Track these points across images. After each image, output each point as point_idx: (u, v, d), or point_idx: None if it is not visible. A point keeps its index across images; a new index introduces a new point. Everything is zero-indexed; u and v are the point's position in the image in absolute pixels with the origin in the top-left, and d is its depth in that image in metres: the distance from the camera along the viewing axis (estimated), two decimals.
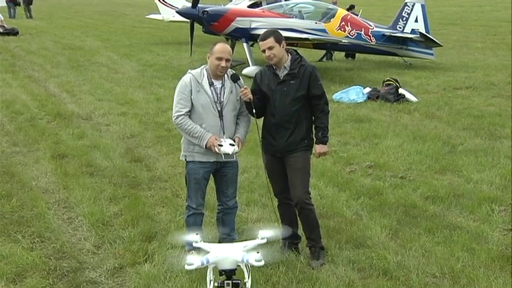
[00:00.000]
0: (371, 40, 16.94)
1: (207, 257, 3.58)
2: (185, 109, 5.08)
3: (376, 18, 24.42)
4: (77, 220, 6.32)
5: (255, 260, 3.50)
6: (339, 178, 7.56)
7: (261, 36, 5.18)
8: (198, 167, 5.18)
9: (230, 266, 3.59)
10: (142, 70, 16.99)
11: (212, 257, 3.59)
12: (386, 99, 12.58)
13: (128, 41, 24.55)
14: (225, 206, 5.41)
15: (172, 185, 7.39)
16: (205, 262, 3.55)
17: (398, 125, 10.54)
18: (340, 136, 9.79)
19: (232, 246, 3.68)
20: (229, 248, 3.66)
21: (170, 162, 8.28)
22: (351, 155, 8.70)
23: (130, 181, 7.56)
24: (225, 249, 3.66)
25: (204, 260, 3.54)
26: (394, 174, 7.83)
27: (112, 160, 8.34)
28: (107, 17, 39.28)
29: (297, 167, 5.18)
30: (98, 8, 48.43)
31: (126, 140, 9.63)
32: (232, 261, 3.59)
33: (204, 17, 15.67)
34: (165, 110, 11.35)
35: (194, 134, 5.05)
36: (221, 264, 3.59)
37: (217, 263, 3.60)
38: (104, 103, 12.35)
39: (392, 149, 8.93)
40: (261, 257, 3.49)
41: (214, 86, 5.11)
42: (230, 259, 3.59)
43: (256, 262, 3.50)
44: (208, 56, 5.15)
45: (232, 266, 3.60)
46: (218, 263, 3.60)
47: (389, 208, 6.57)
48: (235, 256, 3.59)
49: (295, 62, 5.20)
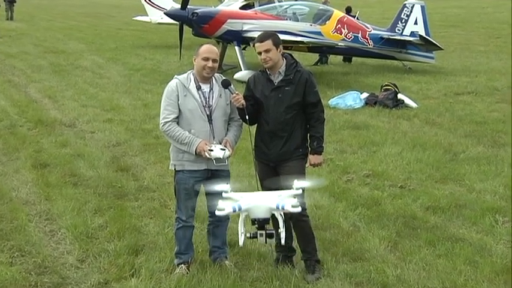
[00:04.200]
0: (368, 43, 17.02)
1: (239, 203, 3.50)
2: (172, 115, 5.10)
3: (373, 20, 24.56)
4: (60, 233, 6.30)
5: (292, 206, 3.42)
6: (335, 188, 7.57)
7: (257, 38, 5.20)
8: (188, 177, 5.19)
9: (264, 214, 3.51)
10: (128, 75, 16.99)
11: (245, 204, 3.51)
12: (384, 105, 12.64)
13: (114, 44, 24.56)
14: (216, 217, 5.40)
15: (161, 195, 7.38)
16: (237, 208, 3.50)
17: (397, 132, 10.58)
18: (337, 144, 9.82)
19: (266, 194, 3.56)
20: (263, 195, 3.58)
21: (158, 172, 8.27)
22: (348, 163, 8.72)
23: (116, 191, 7.54)
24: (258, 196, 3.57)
25: (236, 206, 3.49)
26: (393, 183, 7.86)
27: (97, 169, 8.33)
28: (91, 18, 39.29)
29: (291, 176, 5.18)
30: (82, 9, 48.44)
31: (112, 148, 9.62)
32: (266, 209, 3.50)
33: (193, 19, 15.70)
34: (152, 117, 11.35)
35: (183, 141, 5.07)
36: (254, 212, 3.51)
37: (250, 211, 3.52)
38: (88, 109, 12.33)
39: (391, 157, 8.96)
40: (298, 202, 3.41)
41: (202, 89, 5.14)
42: (264, 207, 3.50)
43: (293, 208, 3.42)
44: (194, 59, 5.19)
45: (266, 214, 3.51)
46: (251, 211, 3.52)
47: (388, 219, 6.58)
48: (270, 203, 3.49)
49: (290, 67, 5.23)
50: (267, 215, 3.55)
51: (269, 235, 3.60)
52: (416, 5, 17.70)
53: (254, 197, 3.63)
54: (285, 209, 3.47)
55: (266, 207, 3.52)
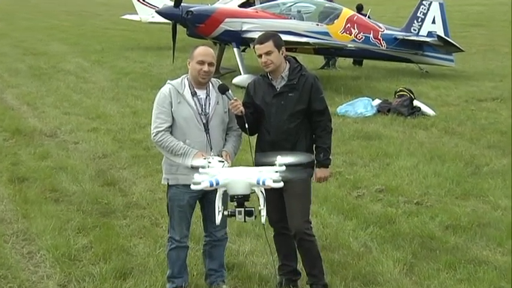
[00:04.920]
0: (381, 44, 17.08)
1: (217, 177, 3.56)
2: (165, 124, 5.12)
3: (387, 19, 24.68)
4: (39, 255, 6.30)
5: (274, 181, 3.49)
6: (344, 204, 7.58)
7: (258, 39, 5.24)
8: (182, 192, 5.20)
9: (243, 190, 3.59)
10: (116, 79, 17.03)
11: (223, 178, 3.57)
12: (399, 113, 12.66)
13: (100, 45, 24.62)
14: (213, 237, 5.42)
15: (152, 212, 7.39)
16: (214, 183, 3.56)
17: (413, 143, 10.60)
18: (346, 155, 9.83)
19: (246, 169, 3.67)
20: (242, 170, 3.64)
21: (149, 186, 8.29)
22: (358, 177, 8.73)
23: (102, 208, 7.55)
24: (238, 171, 3.63)
25: (213, 181, 3.55)
26: (409, 199, 7.87)
27: (81, 184, 8.34)
28: (75, 17, 39.44)
29: (295, 192, 5.20)
30: (65, 7, 48.62)
31: (98, 160, 9.64)
32: (246, 185, 3.58)
33: (188, 18, 15.77)
34: (143, 126, 11.37)
35: (177, 152, 5.08)
36: (233, 187, 3.59)
37: (228, 186, 3.59)
38: (71, 117, 12.36)
39: (406, 171, 8.97)
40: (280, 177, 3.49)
41: (197, 96, 5.17)
42: (243, 182, 3.57)
43: (274, 183, 3.49)
44: (188, 62, 5.21)
45: (246, 190, 3.59)
46: (229, 186, 3.59)
47: (404, 239, 6.59)
48: (249, 178, 3.57)
49: (294, 71, 5.26)
50: (246, 191, 3.63)
51: (248, 213, 3.68)
52: (434, 2, 17.75)
53: (233, 171, 3.72)
54: (265, 184, 3.54)
55: (245, 182, 3.60)
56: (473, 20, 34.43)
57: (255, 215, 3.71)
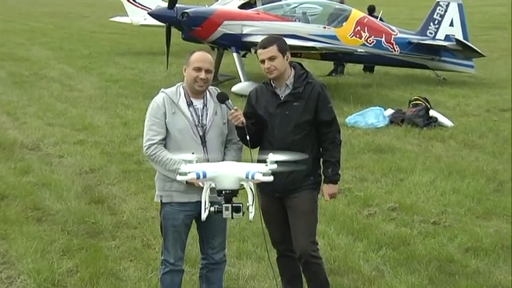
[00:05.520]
0: (394, 49, 17.13)
1: (204, 169, 3.74)
2: (158, 136, 5.14)
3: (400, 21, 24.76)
4: (19, 280, 6.29)
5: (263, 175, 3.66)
6: (354, 224, 7.59)
7: (261, 43, 5.27)
8: (177, 211, 5.21)
9: (231, 184, 3.76)
10: (105, 87, 17.08)
11: (210, 171, 3.74)
12: (413, 124, 12.68)
13: (87, 50, 24.72)
14: (210, 260, 5.42)
15: (143, 233, 7.39)
16: (201, 175, 3.73)
17: (429, 157, 10.61)
18: (356, 170, 9.85)
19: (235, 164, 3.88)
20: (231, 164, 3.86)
21: (140, 204, 8.30)
22: (370, 194, 8.74)
23: (89, 228, 7.56)
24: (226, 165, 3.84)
25: (200, 173, 3.72)
26: (425, 218, 7.87)
27: (65, 201, 8.34)
28: (59, 19, 39.56)
29: (300, 210, 5.23)
30: (48, 8, 48.78)
31: (84, 175, 9.65)
32: (234, 179, 3.76)
33: (183, 20, 15.82)
34: (134, 138, 11.40)
35: (171, 167, 5.09)
36: (220, 181, 3.76)
37: (216, 180, 3.76)
38: (55, 129, 12.39)
39: (421, 187, 8.99)
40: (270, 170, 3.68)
41: (193, 106, 5.18)
42: (232, 176, 3.75)
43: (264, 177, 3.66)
44: (184, 69, 5.24)
45: (234, 185, 3.77)
46: (217, 180, 3.76)
47: (419, 262, 6.59)
48: (238, 173, 3.74)
49: (299, 78, 5.29)
50: (234, 186, 3.81)
51: (236, 209, 3.87)
52: (452, 3, 17.82)
53: (222, 166, 3.93)
54: (255, 178, 3.73)
55: (234, 176, 3.78)
56: (495, 22, 34.51)
57: (243, 211, 3.87)
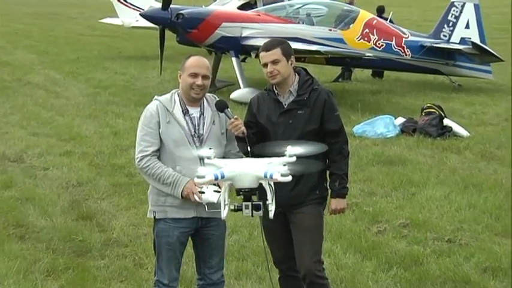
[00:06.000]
0: (405, 53, 17.16)
1: (222, 170, 4.01)
2: (152, 148, 5.15)
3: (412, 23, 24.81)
4: None
5: (282, 175, 3.92)
6: (362, 241, 7.59)
7: (263, 46, 5.28)
8: (171, 227, 5.22)
9: (250, 183, 4.04)
10: (93, 94, 17.10)
11: (228, 171, 4.02)
12: (426, 133, 12.69)
13: (74, 54, 24.74)
14: (207, 280, 5.42)
15: (135, 251, 7.39)
16: (219, 176, 4.00)
17: (443, 169, 10.62)
18: (364, 183, 9.86)
19: (254, 161, 4.14)
20: (250, 162, 4.11)
21: (132, 220, 8.30)
22: (379, 209, 8.74)
23: (76, 247, 7.55)
24: (245, 163, 4.10)
25: (218, 174, 4.00)
26: (439, 236, 7.87)
27: (51, 218, 8.34)
28: (44, 21, 39.57)
29: (305, 226, 5.23)
30: (33, 8, 48.72)
31: (71, 189, 9.65)
32: (253, 178, 4.02)
33: (178, 22, 15.85)
34: (125, 149, 11.41)
35: (165, 180, 5.10)
36: (239, 181, 4.04)
37: (234, 180, 4.04)
38: (40, 139, 12.40)
39: (435, 202, 8.99)
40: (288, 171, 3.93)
41: (189, 114, 5.20)
42: (250, 175, 4.02)
43: (282, 177, 3.92)
44: (179, 74, 5.26)
45: (253, 183, 4.04)
46: (235, 180, 4.04)
47: (433, 283, 6.58)
48: (257, 171, 4.00)
49: (304, 84, 5.30)
50: (253, 185, 4.09)
51: (256, 207, 4.16)
52: (467, 3, 17.82)
53: (240, 163, 4.17)
54: (273, 178, 3.99)
55: (252, 175, 4.06)
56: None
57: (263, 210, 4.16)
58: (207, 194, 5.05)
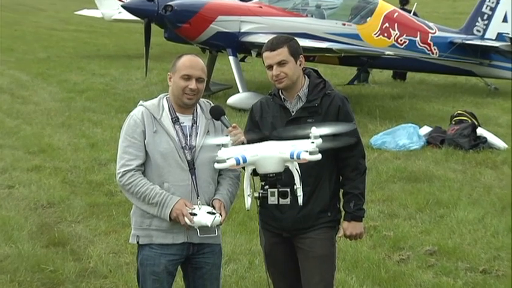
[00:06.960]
0: (431, 51, 17.19)
1: (244, 154, 4.22)
2: (136, 161, 5.15)
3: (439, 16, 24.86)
4: None
5: (309, 153, 4.13)
6: (381, 271, 7.58)
7: (268, 44, 5.26)
8: (157, 255, 5.22)
9: (275, 167, 4.24)
10: (67, 99, 17.13)
11: (250, 155, 4.22)
12: (456, 145, 12.70)
13: (44, 52, 24.81)
14: None
15: (115, 283, 7.39)
16: (241, 160, 4.21)
17: (476, 187, 10.62)
18: (383, 204, 9.85)
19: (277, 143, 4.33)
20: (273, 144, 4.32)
21: (112, 247, 8.29)
22: (401, 234, 8.74)
23: (47, 278, 7.54)
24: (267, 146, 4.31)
25: (239, 158, 4.20)
26: (472, 265, 7.86)
27: (16, 244, 8.33)
28: (8, 13, 39.62)
29: (314, 254, 5.23)
30: None
31: (41, 211, 9.65)
32: (278, 161, 4.24)
33: (167, 15, 15.88)
34: (104, 163, 11.41)
35: (151, 200, 5.10)
36: (262, 165, 4.25)
37: (257, 164, 4.24)
38: (4, 152, 12.42)
39: (467, 226, 8.98)
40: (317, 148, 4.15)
41: (180, 123, 5.20)
42: (275, 157, 4.23)
43: (310, 156, 4.13)
44: (169, 77, 5.26)
45: (279, 167, 4.25)
46: (258, 164, 4.24)
47: None
48: (281, 153, 4.21)
49: (315, 89, 5.30)
50: (279, 168, 4.29)
51: (282, 194, 4.36)
52: None
53: (262, 146, 4.37)
54: (300, 158, 4.18)
55: (277, 158, 4.26)
56: None
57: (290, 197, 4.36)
58: (200, 216, 5.05)
